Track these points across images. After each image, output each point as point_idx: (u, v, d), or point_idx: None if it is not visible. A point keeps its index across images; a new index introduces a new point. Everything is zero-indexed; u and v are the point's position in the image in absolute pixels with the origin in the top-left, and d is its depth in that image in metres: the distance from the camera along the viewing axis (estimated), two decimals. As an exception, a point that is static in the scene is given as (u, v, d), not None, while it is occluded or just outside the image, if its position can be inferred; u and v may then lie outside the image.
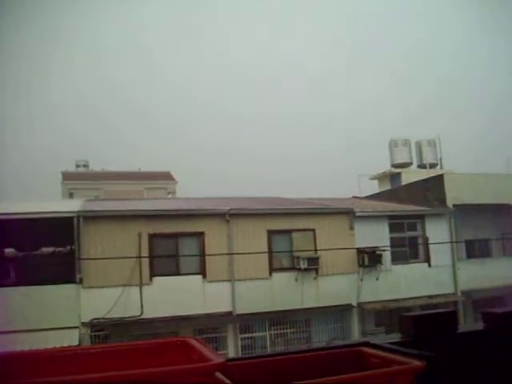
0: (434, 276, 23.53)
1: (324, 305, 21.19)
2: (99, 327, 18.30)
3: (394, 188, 35.00)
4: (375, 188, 40.06)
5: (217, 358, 2.32)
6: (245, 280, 20.43)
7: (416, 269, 23.50)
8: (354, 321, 22.08)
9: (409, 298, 22.29)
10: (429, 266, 23.81)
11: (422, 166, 39.36)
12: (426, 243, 23.77)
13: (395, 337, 3.55)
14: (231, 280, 20.32)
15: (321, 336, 21.23)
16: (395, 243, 23.53)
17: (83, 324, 18.13)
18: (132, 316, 18.58)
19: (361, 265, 22.17)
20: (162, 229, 19.88)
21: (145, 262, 19.30)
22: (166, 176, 48.88)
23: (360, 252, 22.09)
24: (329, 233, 22.03)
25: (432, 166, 38.77)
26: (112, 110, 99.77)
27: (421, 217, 24.42)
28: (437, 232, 23.99)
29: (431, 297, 22.69)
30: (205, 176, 65.24)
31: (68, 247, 22.70)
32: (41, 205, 20.71)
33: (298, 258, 21.06)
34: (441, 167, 39.14)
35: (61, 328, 17.21)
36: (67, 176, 46.23)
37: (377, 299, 22.18)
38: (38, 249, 23.66)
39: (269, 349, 20.37)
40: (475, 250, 26.34)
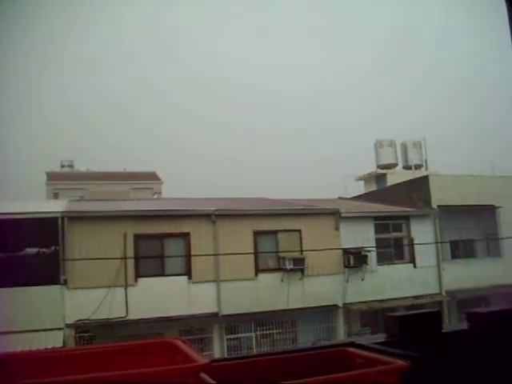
0: (419, 276, 23.68)
1: (310, 305, 21.23)
2: (84, 329, 18.19)
3: (380, 189, 35.20)
4: (361, 189, 40.24)
5: (202, 359, 2.30)
6: (231, 281, 20.41)
7: (401, 269, 23.64)
8: (340, 321, 22.15)
9: (394, 299, 22.40)
10: (414, 267, 23.95)
11: (408, 167, 39.61)
12: (411, 244, 23.92)
13: (380, 337, 3.55)
14: (217, 281, 20.30)
15: (307, 337, 21.26)
16: (381, 244, 23.64)
17: (68, 325, 18.00)
18: (117, 317, 18.48)
19: (346, 265, 22.25)
20: (148, 229, 19.80)
21: (130, 263, 19.21)
22: (152, 176, 48.70)
23: (346, 253, 22.17)
24: (315, 233, 22.07)
25: (417, 167, 39.03)
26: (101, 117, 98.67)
27: (406, 218, 24.57)
28: (422, 233, 24.15)
29: (416, 297, 22.82)
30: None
31: (52, 248, 22.54)
32: (25, 205, 20.53)
33: (284, 259, 21.08)
34: (426, 168, 39.40)
35: (45, 330, 17.06)
36: (52, 176, 45.87)
37: (362, 300, 22.27)
38: (22, 249, 23.47)
39: (255, 349, 20.37)
40: (460, 251, 26.55)
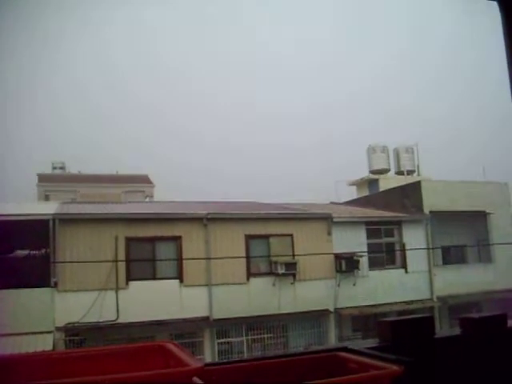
0: (411, 282, 23.72)
1: (301, 310, 21.22)
2: (74, 332, 18.08)
3: (372, 194, 35.27)
4: (353, 194, 40.30)
5: (195, 363, 2.28)
6: (222, 285, 20.38)
7: (393, 275, 23.68)
8: (331, 326, 22.15)
9: (385, 304, 22.43)
10: (405, 272, 24.00)
11: (400, 173, 39.73)
12: (403, 249, 23.97)
13: (373, 342, 3.55)
14: (208, 285, 20.25)
15: (298, 341, 21.24)
16: (372, 249, 23.69)
17: (58, 328, 17.89)
18: (108, 320, 18.40)
19: (338, 270, 22.27)
20: (139, 232, 19.75)
21: (121, 266, 19.14)
22: (144, 179, 48.58)
23: (337, 257, 22.19)
24: (307, 238, 22.09)
25: (409, 173, 39.16)
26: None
27: (398, 223, 24.62)
28: (414, 238, 24.21)
29: (408, 302, 22.86)
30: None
31: (43, 250, 22.43)
32: (15, 207, 20.43)
33: (276, 263, 21.07)
34: (418, 174, 39.53)
35: (35, 333, 16.95)
36: (43, 178, 45.65)
37: (354, 305, 22.29)
38: (12, 251, 23.32)
39: (246, 354, 20.32)
40: (451, 257, 26.65)
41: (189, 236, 20.39)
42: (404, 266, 24.10)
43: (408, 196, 26.52)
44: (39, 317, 17.58)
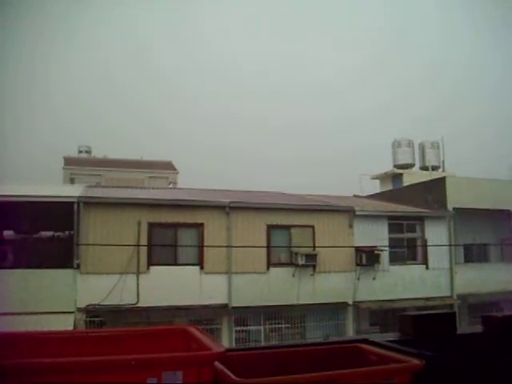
0: (431, 278, 23.54)
1: (320, 302, 21.21)
2: (95, 313, 18.32)
3: (396, 189, 34.99)
4: (377, 188, 40.03)
5: (217, 348, 2.31)
6: (242, 273, 20.44)
7: (413, 270, 23.51)
8: (349, 319, 22.10)
9: (405, 299, 22.28)
10: (426, 268, 23.80)
11: (425, 168, 39.35)
12: (425, 245, 23.77)
13: (394, 335, 3.55)
14: (228, 273, 20.33)
15: (315, 332, 21.23)
16: (394, 244, 23.52)
17: (79, 309, 18.14)
18: (128, 304, 18.59)
19: (358, 264, 22.17)
20: (162, 218, 19.88)
21: (143, 251, 19.30)
22: (168, 166, 48.85)
23: (358, 251, 22.09)
24: (328, 230, 22.02)
25: (434, 169, 38.75)
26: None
27: (420, 218, 24.40)
28: (436, 234, 24.00)
29: (427, 299, 22.68)
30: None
31: (67, 232, 22.75)
32: (41, 188, 20.70)
33: (297, 254, 21.06)
34: (443, 170, 39.11)
35: (56, 312, 17.22)
36: (69, 161, 46.17)
37: (373, 299, 22.20)
38: (37, 232, 23.73)
39: (263, 343, 20.39)
40: (473, 255, 26.35)
41: (211, 223, 20.46)
42: (425, 262, 23.90)
43: (432, 192, 26.25)
44: (61, 297, 17.85)
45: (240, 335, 20.71)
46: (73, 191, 21.38)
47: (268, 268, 21.04)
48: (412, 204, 25.92)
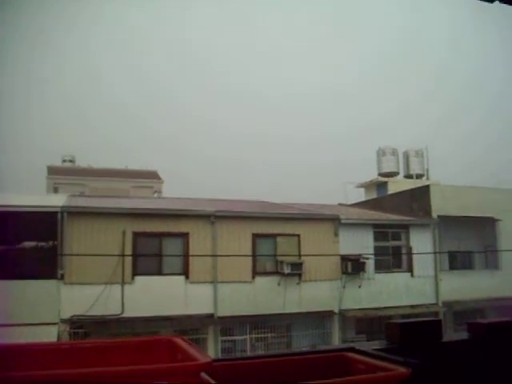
0: (417, 286, 23.64)
1: (306, 310, 21.19)
2: (79, 324, 18.13)
3: (381, 197, 35.16)
4: (362, 196, 40.19)
5: (203, 358, 2.29)
6: (227, 282, 20.37)
7: (399, 278, 23.60)
8: (335, 328, 22.10)
9: (390, 307, 22.35)
10: (411, 276, 23.91)
11: (409, 176, 39.62)
12: (410, 253, 23.88)
13: (380, 343, 3.54)
14: (214, 282, 20.26)
15: (301, 342, 21.21)
16: (379, 252, 23.60)
17: (62, 321, 17.95)
18: (112, 314, 18.44)
19: (344, 272, 22.21)
20: (147, 228, 19.78)
21: (128, 261, 19.18)
22: (153, 175, 48.71)
23: (344, 259, 22.13)
24: (313, 239, 22.04)
25: (418, 177, 39.05)
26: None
27: (405, 226, 24.53)
28: (421, 242, 24.12)
29: (413, 306, 22.76)
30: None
31: (51, 242, 22.51)
32: (24, 198, 20.50)
33: (282, 263, 21.04)
34: (427, 178, 39.40)
35: (40, 324, 17.00)
36: (53, 170, 45.84)
37: (358, 307, 22.23)
38: (20, 243, 23.44)
39: (249, 352, 20.31)
40: (458, 262, 26.53)
41: (196, 233, 20.40)
42: (410, 270, 24.00)
43: (416, 200, 26.41)
44: (45, 308, 17.64)
45: (226, 345, 20.62)
46: (56, 201, 21.19)
47: (253, 277, 21.00)
48: (397, 212, 26.05)
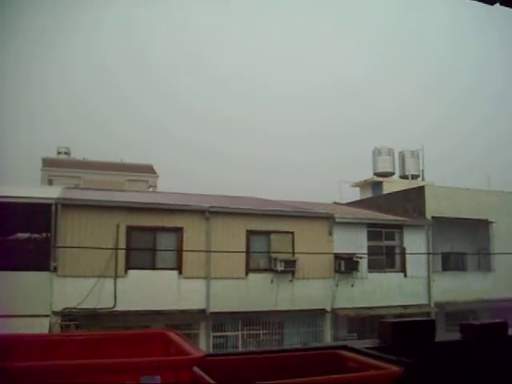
0: (409, 286, 23.71)
1: (298, 308, 21.22)
2: (71, 317, 18.10)
3: (375, 196, 35.22)
4: (357, 195, 40.23)
5: (197, 352, 2.28)
6: (221, 278, 20.37)
7: (392, 278, 23.66)
8: (327, 326, 22.14)
9: (383, 307, 22.41)
10: (404, 276, 23.97)
11: (404, 177, 39.68)
12: (403, 253, 23.94)
13: (373, 342, 3.55)
14: (207, 278, 20.26)
15: (293, 339, 21.24)
16: (372, 251, 23.65)
17: (54, 313, 17.92)
18: (105, 308, 18.41)
19: (337, 270, 22.25)
20: (141, 222, 19.75)
21: (121, 254, 19.15)
22: (148, 169, 48.55)
23: (337, 258, 22.17)
24: (307, 237, 22.06)
25: (414, 177, 39.11)
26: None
27: (399, 227, 24.58)
28: (414, 243, 24.18)
29: (405, 307, 22.81)
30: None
31: (44, 234, 22.45)
32: (18, 189, 20.42)
33: (276, 260, 21.05)
34: (422, 179, 39.49)
35: (31, 316, 16.96)
36: (47, 162, 45.61)
37: (351, 306, 22.27)
38: (13, 234, 23.36)
39: (240, 349, 20.32)
40: (451, 263, 26.61)
41: (190, 228, 20.38)
42: (403, 270, 24.07)
43: (411, 200, 26.47)
44: (37, 300, 17.59)
45: (217, 341, 20.62)
46: (51, 193, 21.12)
47: (247, 274, 21.01)
48: (391, 212, 26.10)
